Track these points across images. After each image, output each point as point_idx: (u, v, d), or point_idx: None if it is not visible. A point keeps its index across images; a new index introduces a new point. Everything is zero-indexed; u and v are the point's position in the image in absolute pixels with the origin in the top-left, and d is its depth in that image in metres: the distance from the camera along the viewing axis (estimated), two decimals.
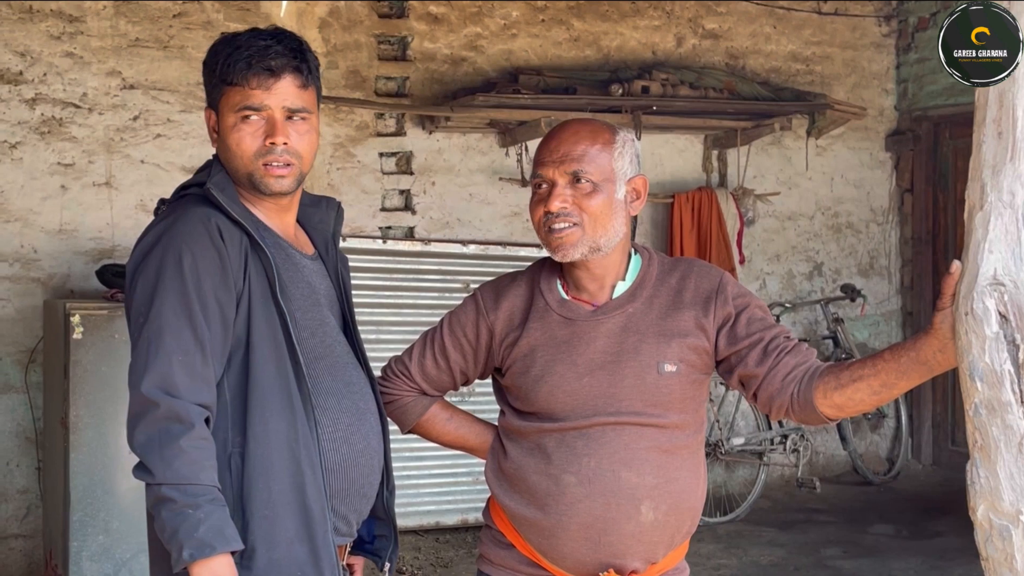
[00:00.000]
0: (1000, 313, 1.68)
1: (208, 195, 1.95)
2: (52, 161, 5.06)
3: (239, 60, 1.96)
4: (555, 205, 2.02)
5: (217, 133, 2.03)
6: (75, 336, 4.21)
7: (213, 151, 2.07)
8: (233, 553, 1.81)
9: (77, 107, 5.11)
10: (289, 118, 1.98)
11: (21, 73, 5.00)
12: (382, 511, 2.17)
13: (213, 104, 2.03)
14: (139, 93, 5.22)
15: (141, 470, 1.83)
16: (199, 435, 1.82)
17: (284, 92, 1.97)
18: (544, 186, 2.05)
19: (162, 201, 2.07)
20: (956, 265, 1.78)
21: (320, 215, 2.19)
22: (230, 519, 1.83)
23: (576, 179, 2.02)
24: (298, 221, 2.14)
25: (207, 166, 2.06)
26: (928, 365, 1.86)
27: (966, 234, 1.76)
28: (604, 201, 2.03)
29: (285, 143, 1.97)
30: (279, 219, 2.07)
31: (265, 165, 1.98)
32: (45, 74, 5.04)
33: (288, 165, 1.99)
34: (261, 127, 1.97)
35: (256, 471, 1.89)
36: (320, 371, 2.00)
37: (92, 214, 5.12)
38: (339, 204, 2.24)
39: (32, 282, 5.00)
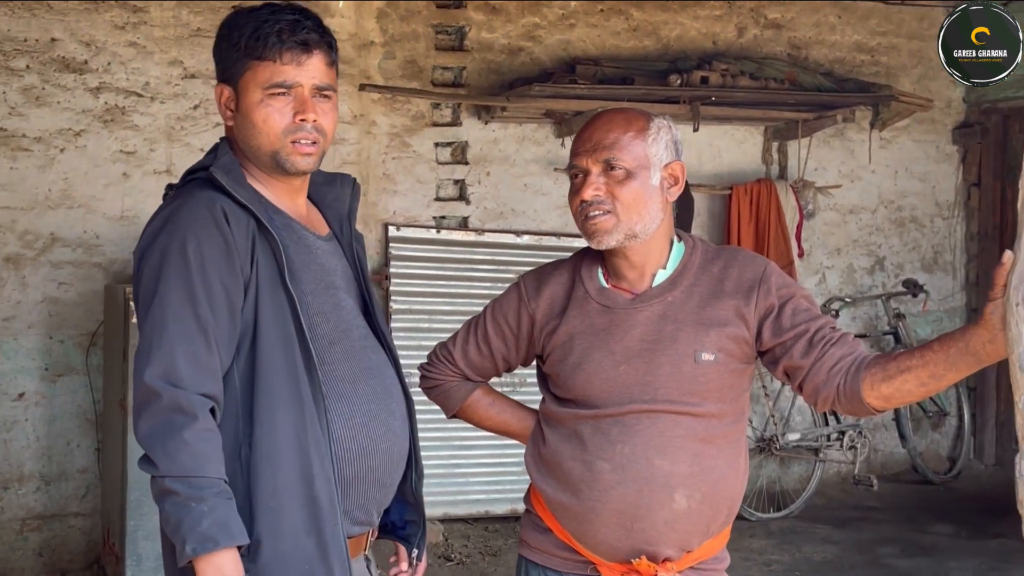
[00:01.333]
0: None
1: (212, 178, 1.89)
2: (115, 149, 5.15)
3: (270, 34, 1.90)
4: (588, 193, 2.03)
5: (232, 110, 1.97)
6: (135, 320, 4.29)
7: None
8: (240, 548, 1.76)
9: (139, 96, 5.20)
10: (314, 95, 1.94)
11: (86, 62, 5.10)
12: (411, 495, 2.10)
13: (231, 79, 1.96)
14: (199, 82, 5.29)
15: (146, 462, 1.78)
16: (203, 426, 1.76)
17: (314, 69, 1.93)
18: (580, 176, 2.06)
19: (170, 186, 2.02)
20: (1008, 255, 1.74)
21: (335, 193, 2.12)
22: (236, 512, 1.77)
23: (609, 167, 2.02)
24: (313, 200, 2.08)
25: (214, 149, 2.00)
26: (977, 356, 1.83)
27: (1019, 224, 1.72)
28: (637, 188, 2.02)
29: (315, 120, 1.93)
30: (290, 200, 2.01)
31: (293, 143, 1.93)
32: (109, 63, 5.14)
33: (315, 143, 1.94)
34: (289, 103, 1.92)
35: (262, 461, 1.82)
36: (335, 357, 1.93)
37: (153, 201, 5.15)
38: (355, 181, 2.17)
39: (94, 267, 5.11)
